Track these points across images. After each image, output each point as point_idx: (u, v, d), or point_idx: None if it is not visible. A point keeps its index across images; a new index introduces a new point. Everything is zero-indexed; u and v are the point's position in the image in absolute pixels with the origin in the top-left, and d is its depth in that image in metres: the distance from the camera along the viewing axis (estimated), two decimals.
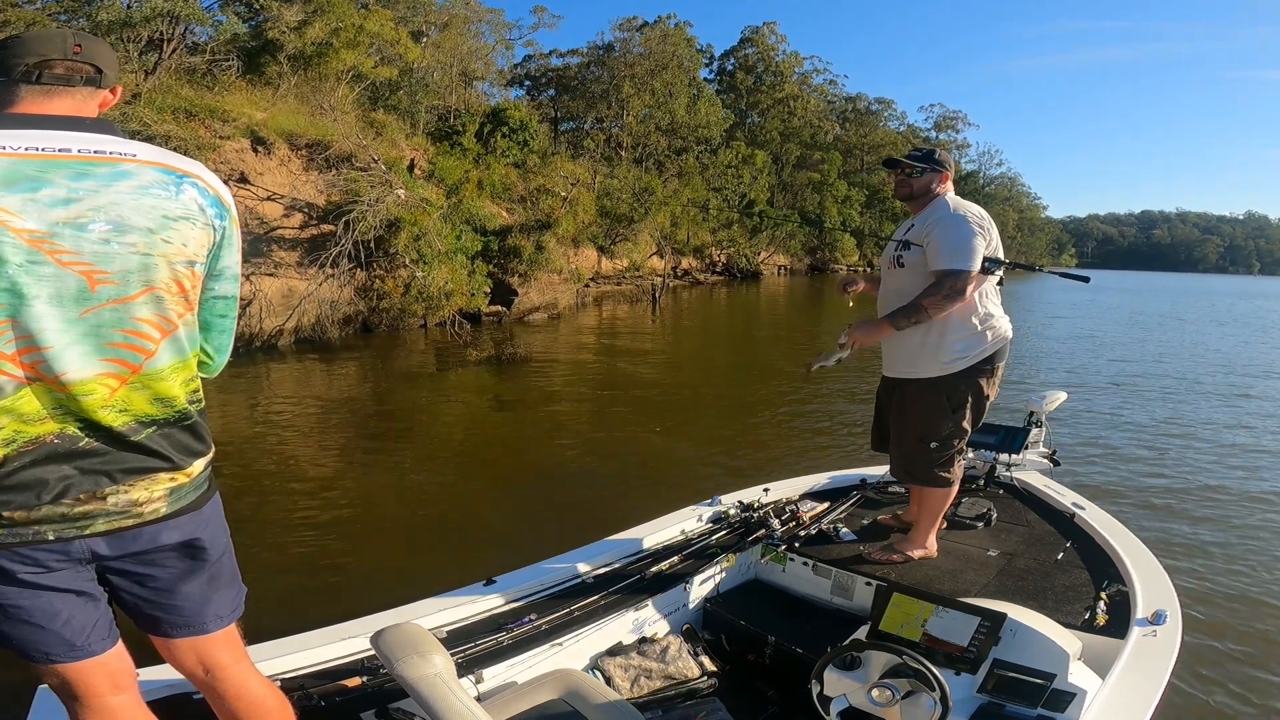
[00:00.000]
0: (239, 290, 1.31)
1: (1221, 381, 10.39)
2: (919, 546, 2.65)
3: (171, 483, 1.19)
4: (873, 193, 45.14)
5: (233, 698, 1.37)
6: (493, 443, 6.46)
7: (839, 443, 6.29)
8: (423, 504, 4.76)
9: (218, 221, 1.19)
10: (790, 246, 37.70)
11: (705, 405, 7.97)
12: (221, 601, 1.34)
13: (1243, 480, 5.54)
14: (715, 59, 43.82)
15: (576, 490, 5.05)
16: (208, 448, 1.26)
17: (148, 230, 1.10)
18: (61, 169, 1.04)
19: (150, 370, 1.14)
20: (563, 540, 2.67)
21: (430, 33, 21.54)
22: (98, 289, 1.07)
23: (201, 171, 1.19)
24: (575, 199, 18.97)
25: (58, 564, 1.12)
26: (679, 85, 31.93)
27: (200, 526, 1.25)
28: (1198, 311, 27.75)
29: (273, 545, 3.87)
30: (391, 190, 11.83)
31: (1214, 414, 8.07)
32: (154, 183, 1.11)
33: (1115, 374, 10.79)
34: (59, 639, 1.16)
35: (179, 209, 1.13)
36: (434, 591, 2.21)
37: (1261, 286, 70.08)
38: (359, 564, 3.76)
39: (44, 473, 1.07)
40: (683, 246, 27.39)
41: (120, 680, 1.26)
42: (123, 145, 1.11)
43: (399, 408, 7.70)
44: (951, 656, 1.82)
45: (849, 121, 51.06)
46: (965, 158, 60.33)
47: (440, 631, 2.02)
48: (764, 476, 3.43)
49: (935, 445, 2.59)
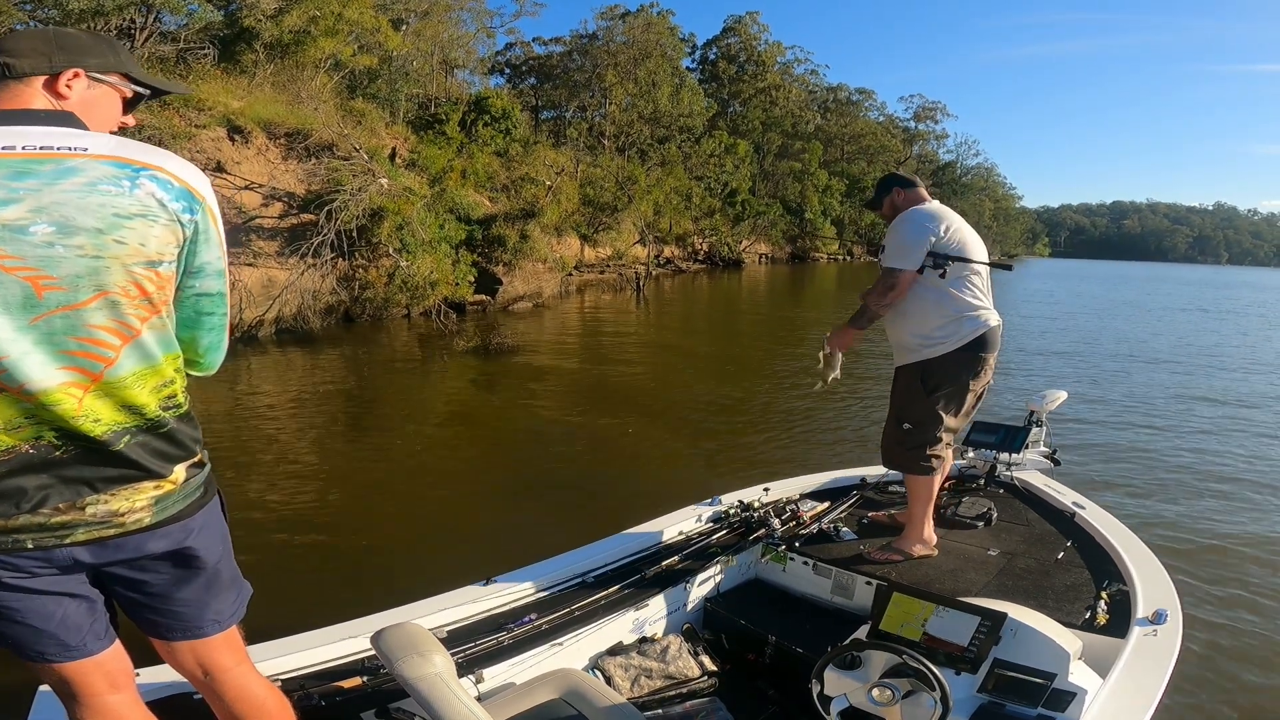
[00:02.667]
0: (226, 287, 1.23)
1: (1221, 380, 10.30)
2: (915, 542, 2.68)
3: (157, 491, 1.15)
4: (853, 182, 45.37)
5: (233, 699, 1.35)
6: (486, 436, 6.44)
7: (837, 441, 6.31)
8: (418, 502, 4.72)
9: (186, 216, 1.10)
10: (772, 235, 37.79)
11: (698, 400, 7.98)
12: (220, 605, 1.31)
13: (1244, 480, 5.52)
14: (698, 48, 43.73)
15: (571, 487, 5.02)
16: (189, 453, 1.20)
17: (96, 231, 1.01)
18: (2, 168, 0.98)
19: (112, 379, 1.08)
20: (559, 539, 2.66)
21: (410, 20, 21.23)
22: (45, 295, 1.00)
23: (166, 162, 1.09)
24: (559, 188, 18.88)
25: (41, 570, 1.10)
26: (662, 74, 31.81)
27: (190, 535, 1.21)
28: (1177, 300, 28.20)
29: (264, 545, 3.80)
30: (374, 179, 11.71)
31: (1213, 414, 7.94)
32: (103, 178, 1.02)
33: (1091, 365, 10.99)
34: (53, 639, 1.15)
35: (133, 206, 1.04)
36: (433, 591, 2.21)
37: (1240, 276, 70.32)
38: (355, 563, 3.73)
39: (22, 482, 1.04)
40: (665, 235, 27.37)
41: (118, 680, 1.26)
42: (72, 139, 1.04)
43: (387, 399, 7.64)
44: (952, 656, 1.83)
45: (830, 111, 51.13)
46: (943, 148, 60.94)
47: (440, 631, 2.01)
48: (762, 476, 3.43)
49: (909, 427, 2.66)
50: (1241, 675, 2.92)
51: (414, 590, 2.21)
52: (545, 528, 3.97)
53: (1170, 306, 24.36)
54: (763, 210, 34.72)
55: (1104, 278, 48.29)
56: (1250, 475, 5.65)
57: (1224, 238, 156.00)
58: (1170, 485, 5.34)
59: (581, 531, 2.81)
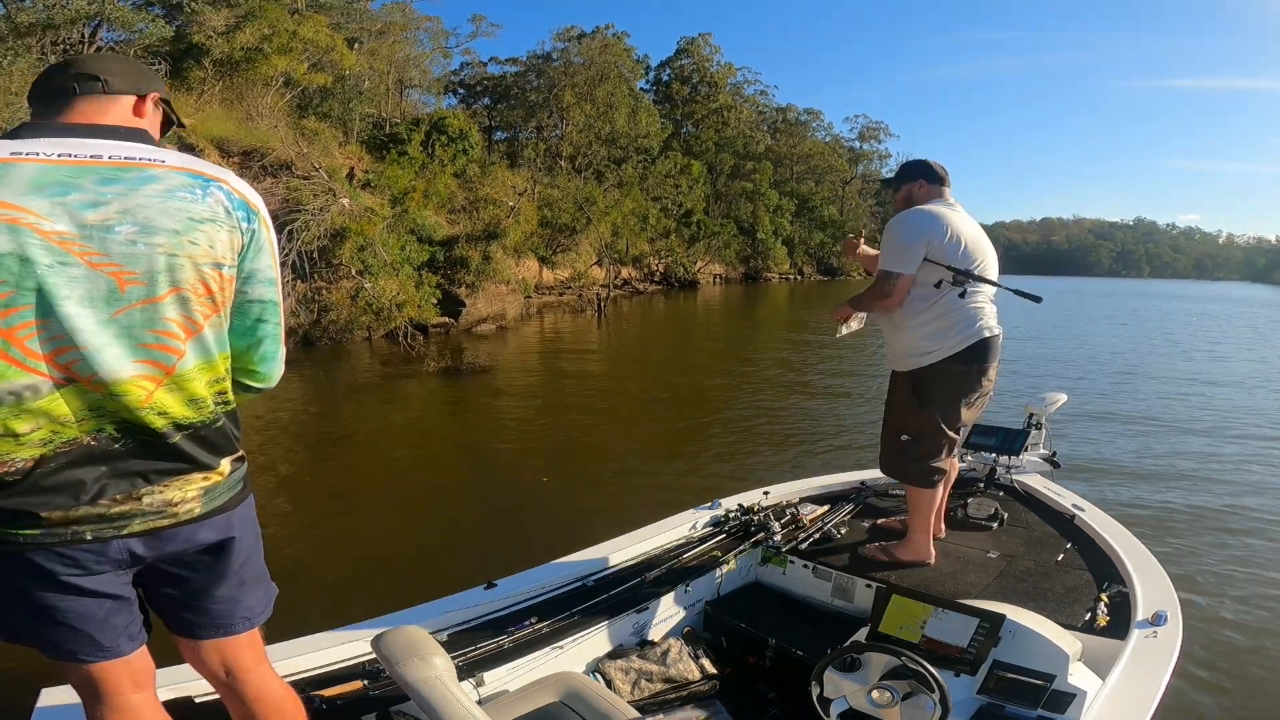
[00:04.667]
0: (278, 296, 1.30)
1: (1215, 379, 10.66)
2: (909, 551, 2.63)
3: (205, 482, 1.20)
4: (802, 201, 46.50)
5: (253, 700, 1.38)
6: (479, 451, 6.36)
7: (825, 449, 6.44)
8: (419, 511, 4.72)
9: (245, 224, 1.21)
10: (725, 255, 38.34)
11: (668, 414, 8.04)
12: (251, 602, 1.35)
13: (1245, 482, 5.54)
14: (651, 69, 44.38)
15: (567, 497, 5.02)
16: (236, 447, 1.27)
17: (174, 232, 1.11)
18: (91, 174, 1.07)
19: (181, 372, 1.15)
20: (561, 542, 2.65)
21: (365, 40, 20.99)
22: (127, 289, 1.09)
23: (229, 177, 1.21)
24: (520, 209, 18.83)
25: (97, 565, 1.13)
26: (620, 95, 32.14)
27: (234, 526, 1.26)
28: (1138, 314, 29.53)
29: (264, 547, 3.73)
30: (336, 199, 11.48)
31: (1214, 417, 8.00)
32: (180, 186, 1.13)
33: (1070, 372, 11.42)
34: (89, 640, 1.17)
35: (205, 211, 1.15)
36: (434, 595, 2.20)
37: (1168, 289, 72.76)
38: (356, 567, 3.70)
39: (81, 474, 1.09)
40: (623, 256, 27.52)
41: (142, 679, 1.27)
42: (152, 152, 1.14)
43: (374, 418, 7.49)
44: (951, 658, 1.82)
45: (779, 132, 52.43)
46: (886, 167, 63.03)
47: (441, 635, 2.00)
48: (758, 483, 3.41)
49: (906, 439, 2.59)
50: (1241, 676, 2.93)
51: (415, 594, 2.20)
52: (545, 532, 3.98)
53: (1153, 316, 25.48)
54: (717, 230, 35.23)
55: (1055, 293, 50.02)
56: (1251, 477, 5.69)
57: (1145, 252, 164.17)
58: (1170, 487, 5.36)
59: (582, 535, 2.79)
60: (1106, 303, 36.96)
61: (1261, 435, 7.27)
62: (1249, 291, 74.21)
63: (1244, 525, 4.62)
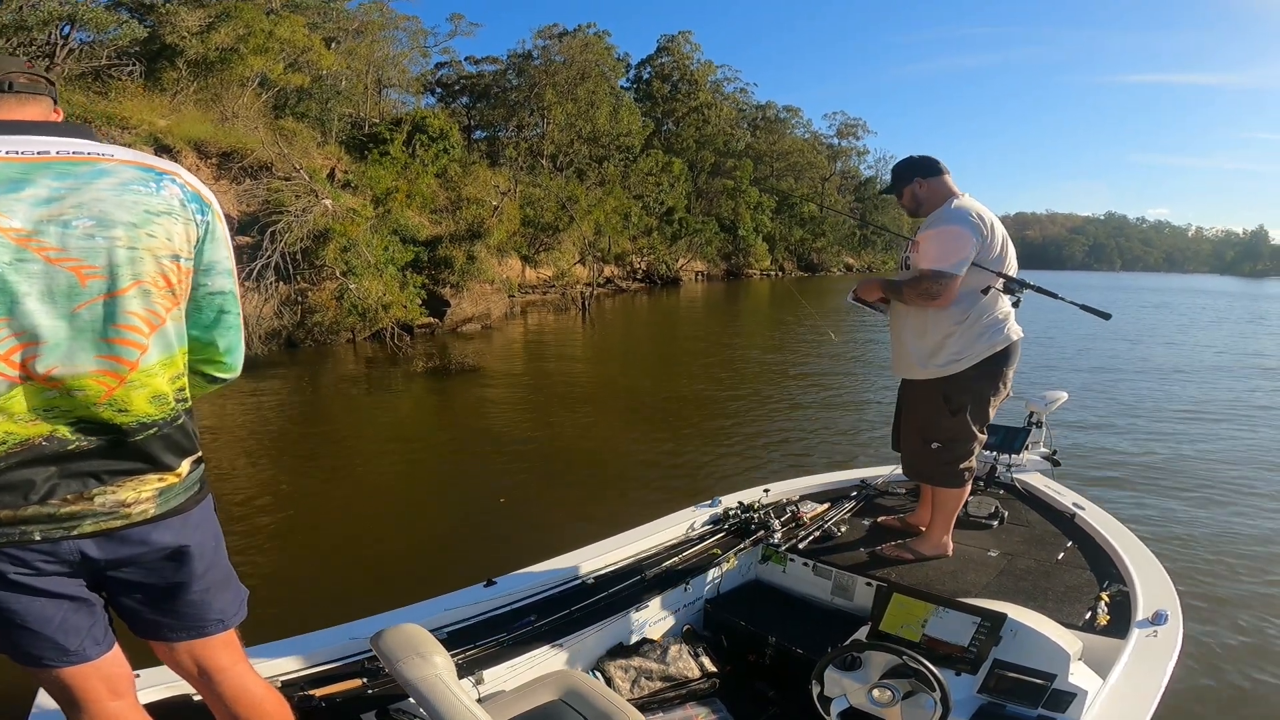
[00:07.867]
0: (236, 287, 1.32)
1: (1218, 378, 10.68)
2: (934, 546, 2.66)
3: (161, 483, 1.18)
4: (782, 198, 46.68)
5: (231, 700, 1.37)
6: (478, 448, 6.33)
7: (822, 448, 6.47)
8: (420, 509, 4.71)
9: (199, 217, 1.20)
10: (707, 253, 38.40)
11: (663, 411, 8.04)
12: (223, 604, 1.34)
13: (1244, 482, 5.52)
14: (632, 67, 44.33)
15: (572, 492, 5.02)
16: (195, 447, 1.25)
17: (131, 225, 1.11)
18: (42, 170, 1.06)
19: (145, 367, 1.14)
20: (561, 541, 2.65)
21: (342, 39, 20.75)
22: (87, 284, 1.07)
23: (180, 171, 1.22)
24: (503, 208, 18.74)
25: (46, 565, 1.11)
26: (601, 94, 32.04)
27: (189, 528, 1.24)
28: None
29: (265, 548, 3.73)
30: (318, 200, 11.36)
31: (1214, 418, 7.99)
32: (134, 180, 1.13)
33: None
34: (52, 644, 1.16)
35: (160, 204, 1.14)
36: (434, 593, 2.20)
37: (1142, 281, 73.67)
38: (356, 565, 3.68)
39: (31, 474, 1.07)
40: (605, 254, 27.48)
41: (118, 686, 1.26)
42: (100, 147, 1.14)
43: (366, 417, 7.43)
44: (952, 657, 1.82)
45: (759, 129, 52.51)
46: (865, 164, 63.49)
47: (440, 633, 1.99)
48: (753, 481, 3.41)
49: (937, 446, 2.60)
50: (1241, 676, 2.93)
51: (415, 592, 2.20)
52: (546, 530, 3.98)
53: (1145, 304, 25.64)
54: (699, 228, 35.26)
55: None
56: (1251, 477, 5.67)
57: (1117, 245, 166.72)
58: (1171, 487, 5.36)
59: (582, 533, 2.79)
60: (1090, 295, 37.36)
61: (1269, 431, 7.30)
62: (1219, 283, 75.58)
63: (1244, 525, 4.61)
